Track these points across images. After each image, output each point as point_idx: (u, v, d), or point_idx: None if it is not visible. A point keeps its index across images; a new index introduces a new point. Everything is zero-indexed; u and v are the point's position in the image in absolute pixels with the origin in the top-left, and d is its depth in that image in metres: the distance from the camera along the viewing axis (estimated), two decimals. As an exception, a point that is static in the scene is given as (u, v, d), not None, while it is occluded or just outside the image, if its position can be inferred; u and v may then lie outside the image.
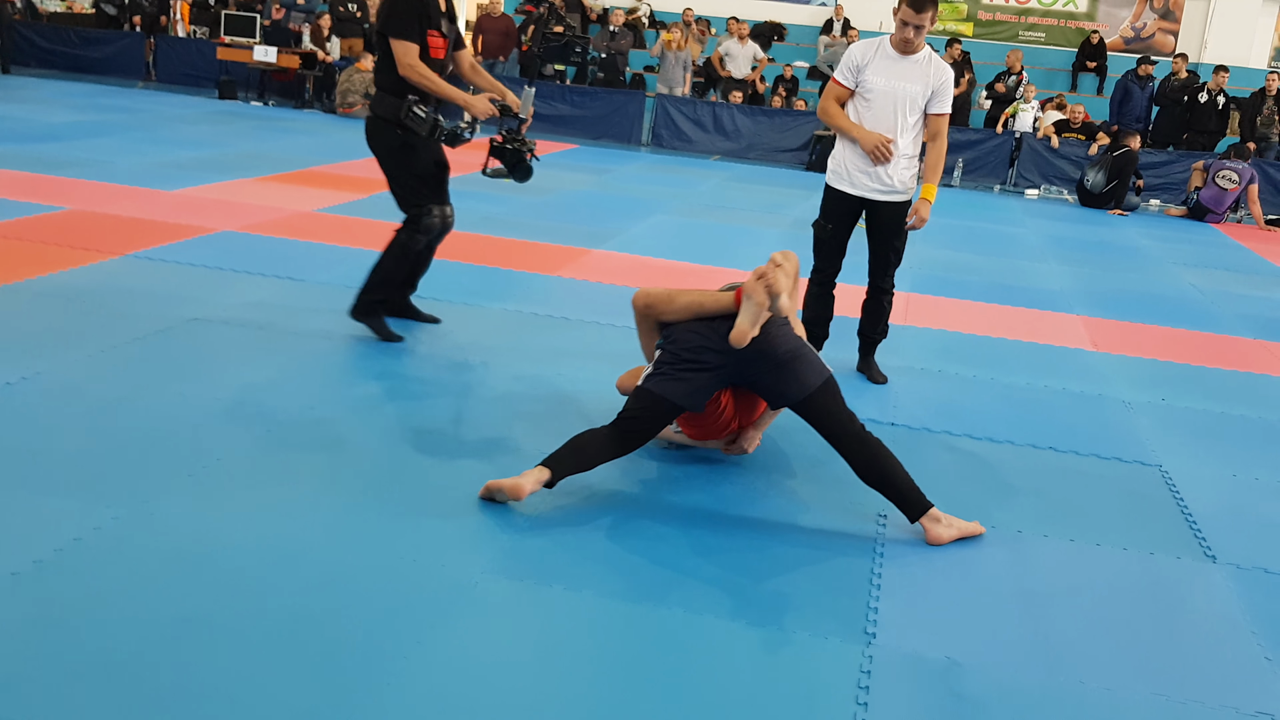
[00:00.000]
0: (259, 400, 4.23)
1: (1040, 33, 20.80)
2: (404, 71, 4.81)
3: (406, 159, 5.00)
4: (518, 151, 4.97)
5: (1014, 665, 2.91)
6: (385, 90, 4.93)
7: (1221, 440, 4.89)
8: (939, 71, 4.95)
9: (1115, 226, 11.91)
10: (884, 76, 4.95)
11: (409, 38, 4.81)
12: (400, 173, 5.03)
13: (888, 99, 4.95)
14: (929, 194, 5.07)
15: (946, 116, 5.02)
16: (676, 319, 3.80)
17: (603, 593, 3.07)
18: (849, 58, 5.05)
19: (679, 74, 16.12)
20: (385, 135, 4.96)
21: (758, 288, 3.54)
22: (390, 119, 4.91)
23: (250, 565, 3.02)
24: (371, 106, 5.02)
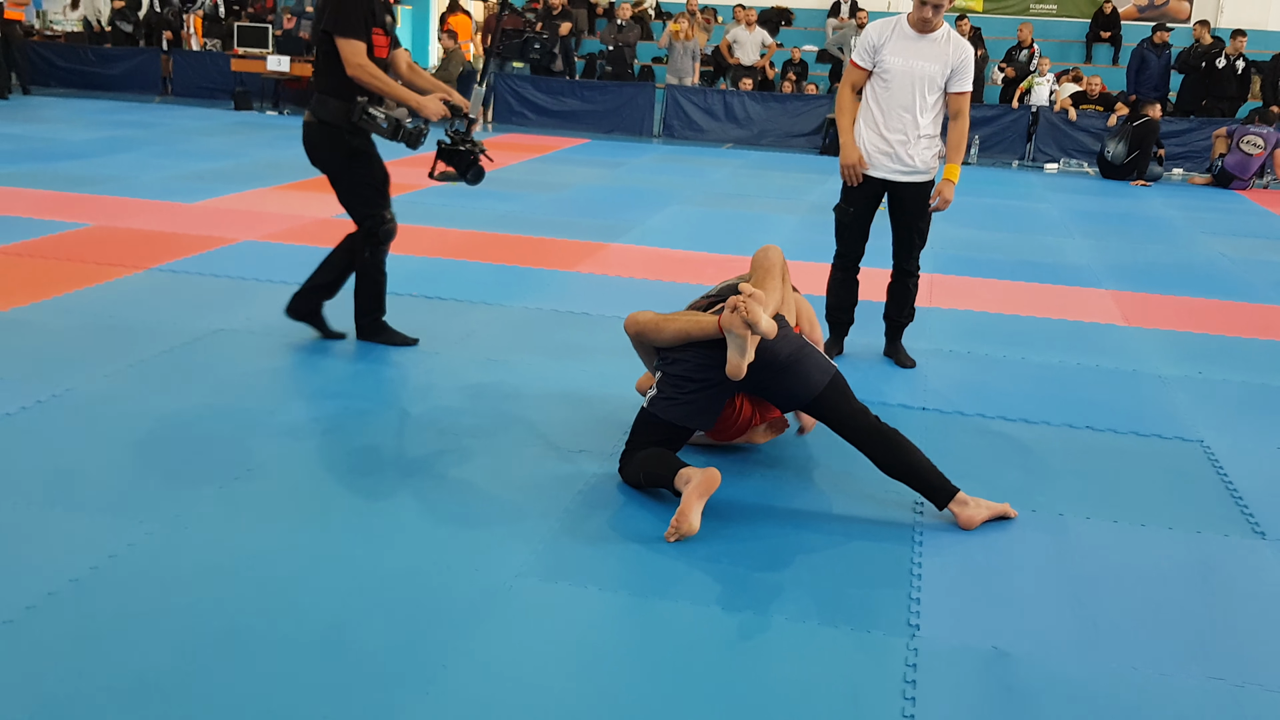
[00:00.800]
0: (288, 409, 4.20)
1: (1052, 5, 20.56)
2: (353, 72, 4.53)
3: (361, 165, 4.77)
4: (469, 153, 4.78)
5: (1063, 653, 2.84)
6: (328, 93, 4.65)
7: (1263, 412, 4.80)
8: (958, 49, 4.87)
9: (1139, 198, 11.77)
10: (901, 56, 4.87)
11: (357, 36, 4.54)
12: (355, 180, 4.78)
13: (906, 79, 4.87)
14: (952, 174, 5.00)
15: (968, 95, 4.94)
16: (667, 346, 3.75)
17: (638, 592, 3.01)
18: (866, 38, 4.98)
19: (688, 64, 16.02)
20: (333, 141, 4.69)
21: (734, 321, 3.47)
22: (338, 123, 4.65)
23: (285, 576, 2.98)
24: (313, 111, 4.71)
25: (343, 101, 4.63)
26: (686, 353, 3.67)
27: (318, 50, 4.65)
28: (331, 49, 4.57)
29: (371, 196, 4.82)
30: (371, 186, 4.81)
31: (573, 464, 3.85)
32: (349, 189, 4.81)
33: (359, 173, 4.78)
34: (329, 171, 4.78)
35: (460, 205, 8.81)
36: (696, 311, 3.78)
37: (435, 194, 9.29)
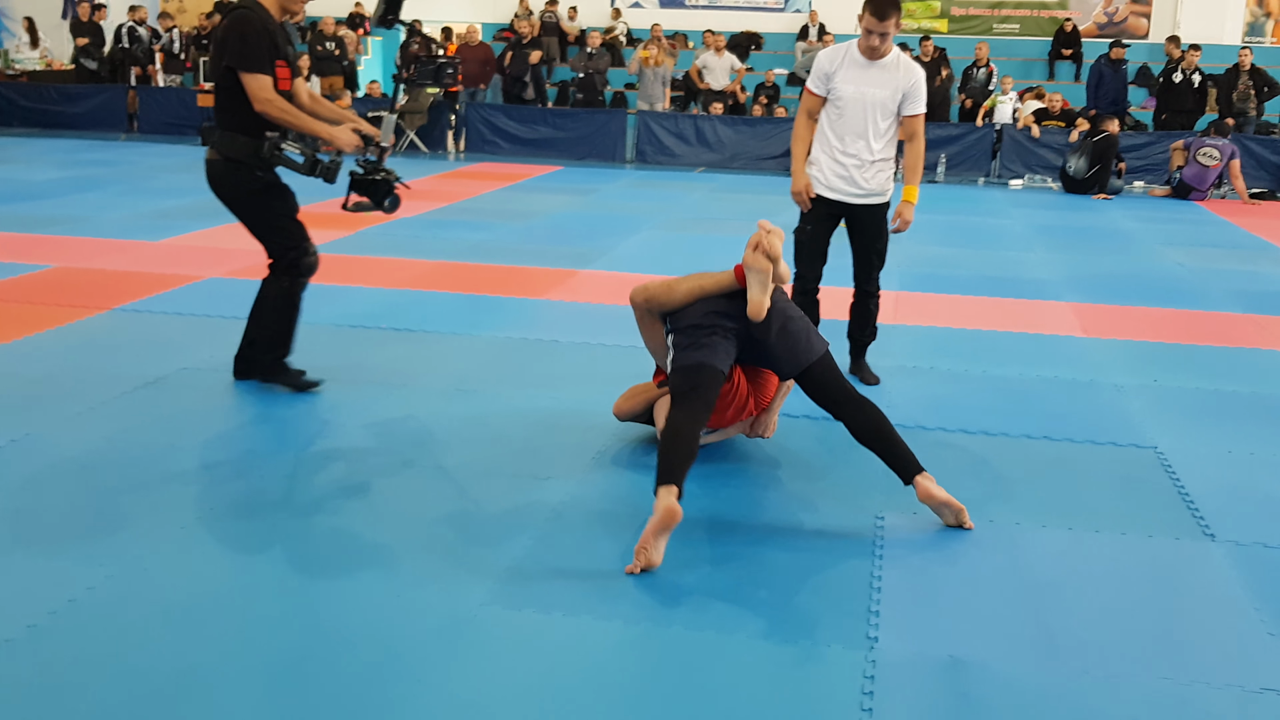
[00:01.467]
0: (252, 447, 4.24)
1: (1014, 24, 20.85)
2: (262, 107, 4.44)
3: (275, 199, 4.70)
4: (385, 182, 4.72)
5: (1017, 659, 2.91)
6: (233, 129, 4.54)
7: (1215, 418, 4.90)
8: (908, 74, 4.98)
9: (1100, 211, 11.93)
10: (854, 84, 4.97)
11: (262, 70, 4.44)
12: (270, 215, 4.70)
13: (858, 105, 4.98)
14: (911, 195, 5.10)
15: (921, 117, 5.04)
16: (679, 306, 3.85)
17: (601, 616, 3.07)
18: (818, 66, 5.08)
19: (658, 89, 16.17)
20: (242, 178, 4.61)
21: (757, 257, 3.66)
22: (246, 160, 4.56)
23: (246, 615, 3.02)
24: (217, 148, 4.60)
25: (250, 138, 4.53)
26: (697, 306, 3.79)
27: (218, 86, 4.55)
28: (235, 84, 4.47)
29: (291, 229, 4.75)
30: (290, 219, 4.74)
31: (540, 491, 3.91)
32: (265, 225, 4.72)
33: (274, 207, 4.70)
34: (239, 209, 4.69)
35: (429, 235, 8.88)
36: (704, 273, 3.89)
37: (403, 225, 9.36)
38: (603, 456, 4.26)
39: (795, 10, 21.03)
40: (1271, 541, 3.64)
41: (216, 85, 4.56)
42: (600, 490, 3.95)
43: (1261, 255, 9.31)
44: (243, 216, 4.73)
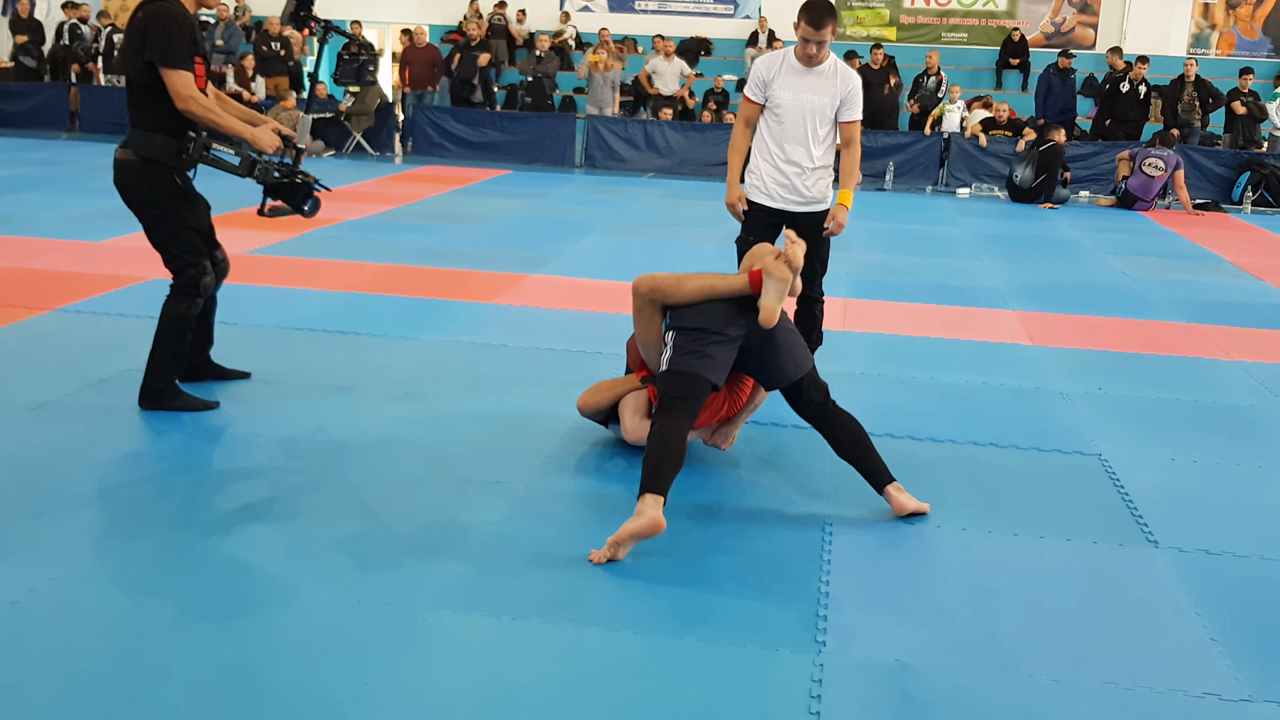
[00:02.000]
0: (196, 449, 4.18)
1: (963, 33, 21.07)
2: (186, 105, 4.18)
3: (188, 208, 4.44)
4: (304, 185, 4.51)
5: (963, 663, 2.93)
6: (152, 129, 4.28)
7: (1158, 425, 4.96)
8: (845, 80, 4.99)
9: (1046, 220, 12.07)
10: (791, 91, 4.99)
11: (185, 66, 4.18)
12: (179, 224, 4.42)
13: (797, 112, 4.99)
14: (845, 199, 5.08)
15: (858, 123, 5.06)
16: (685, 302, 3.83)
17: (550, 620, 3.05)
18: (756, 73, 5.07)
19: (608, 94, 16.16)
20: (160, 182, 4.33)
21: (779, 266, 3.72)
22: (165, 162, 4.31)
23: (193, 618, 2.97)
24: (132, 148, 4.32)
25: (170, 138, 4.29)
26: (703, 307, 3.79)
27: (133, 82, 4.29)
28: (153, 81, 4.22)
29: (196, 243, 4.48)
30: (197, 232, 4.49)
31: (489, 494, 3.88)
32: (172, 234, 4.43)
33: (185, 215, 4.44)
34: (150, 214, 4.40)
35: (376, 239, 8.81)
36: (715, 273, 3.89)
37: (350, 228, 9.27)
38: (551, 461, 4.23)
39: (745, 16, 21.11)
40: (1213, 548, 3.68)
41: (130, 81, 4.29)
42: (549, 495, 3.93)
43: (1205, 265, 9.46)
44: (150, 224, 4.42)
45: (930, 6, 21.11)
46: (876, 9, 21.27)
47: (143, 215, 4.43)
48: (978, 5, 20.99)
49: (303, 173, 4.53)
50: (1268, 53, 20.17)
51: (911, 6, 21.16)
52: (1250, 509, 4.04)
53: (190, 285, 4.49)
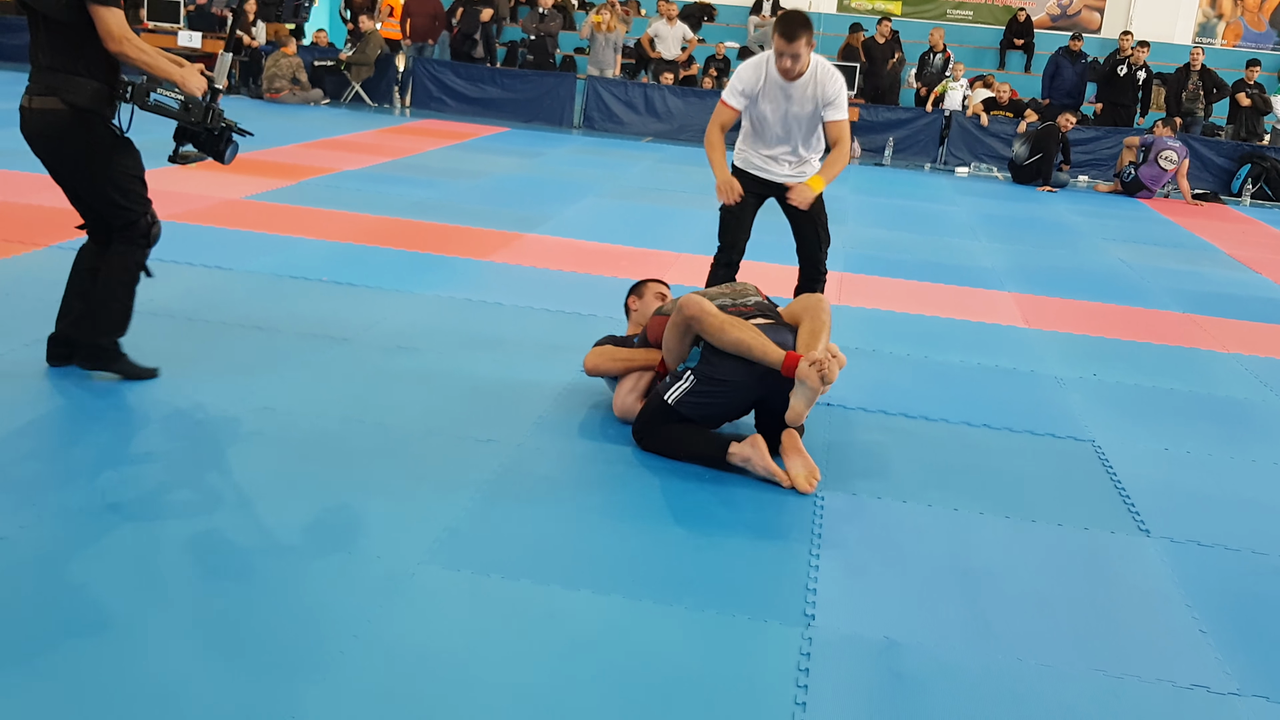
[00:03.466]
0: (186, 392, 4.13)
1: (968, 10, 20.94)
2: (119, 46, 3.77)
3: (125, 155, 4.04)
4: (225, 130, 4.07)
5: (952, 643, 2.92)
6: (80, 73, 3.84)
7: (1153, 414, 4.95)
8: (825, 86, 4.90)
9: (1045, 203, 12.04)
10: (773, 103, 4.96)
11: (117, 3, 3.76)
12: (119, 173, 4.02)
13: (781, 124, 4.99)
14: (815, 184, 5.00)
15: (844, 123, 4.97)
16: (718, 348, 3.86)
17: (540, 580, 3.03)
18: (738, 81, 4.99)
19: (609, 56, 16.03)
20: (95, 131, 3.94)
21: (811, 374, 3.70)
22: (98, 110, 3.91)
23: (181, 562, 2.94)
24: (60, 95, 3.85)
25: (100, 83, 3.89)
26: (735, 364, 3.82)
27: (53, 22, 3.81)
28: (81, 20, 3.76)
29: (140, 190, 4.09)
30: (138, 179, 4.09)
31: (479, 453, 3.85)
32: (113, 184, 4.02)
33: (125, 163, 4.04)
34: (83, 167, 4.00)
35: (373, 190, 8.73)
36: (759, 331, 3.85)
37: (347, 178, 9.20)
38: (544, 421, 4.21)
39: (751, -15, 20.92)
40: (1205, 540, 3.68)
41: (49, 21, 3.81)
42: (542, 455, 3.91)
43: (1203, 256, 9.45)
44: (83, 177, 4.02)
45: (937, -18, 20.97)
46: (883, -17, 21.11)
47: (76, 171, 4.01)
48: (985, -17, 20.84)
49: (220, 113, 4.09)
50: (1274, 45, 20.10)
51: (918, -19, 21.01)
52: (1242, 502, 4.03)
53: (142, 236, 4.13)
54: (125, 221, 4.11)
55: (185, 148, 4.12)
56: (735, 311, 3.99)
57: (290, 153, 10.37)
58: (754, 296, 4.19)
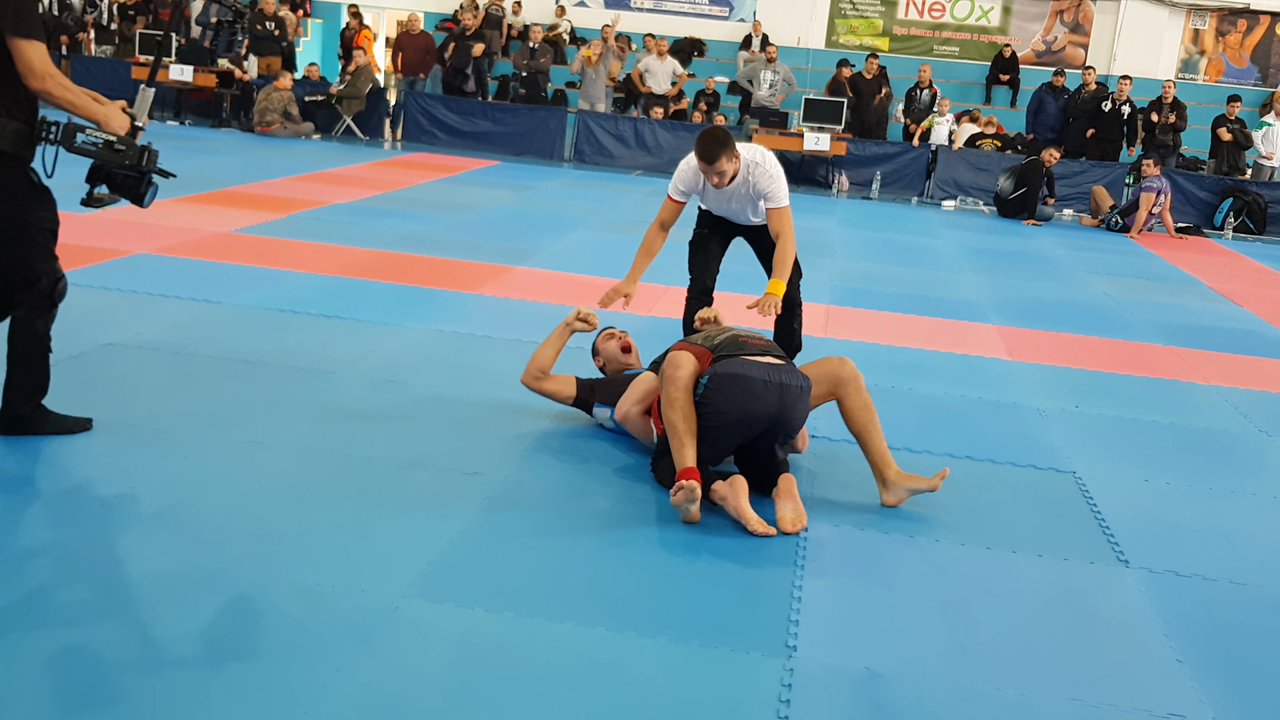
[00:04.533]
0: (173, 425, 4.16)
1: (954, 47, 21.17)
2: (42, 84, 3.51)
3: (40, 210, 3.75)
4: (149, 171, 3.84)
5: (932, 674, 2.95)
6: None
7: (1133, 446, 5.00)
8: (759, 181, 4.84)
9: (1029, 236, 12.14)
10: (715, 201, 5.06)
11: (41, 37, 3.53)
12: (32, 229, 3.72)
13: (728, 211, 5.09)
14: (775, 289, 4.72)
15: (784, 211, 4.88)
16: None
17: (524, 613, 3.05)
18: (679, 180, 4.97)
19: (600, 89, 16.16)
20: (13, 180, 3.65)
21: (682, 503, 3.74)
22: (19, 154, 3.63)
23: (167, 594, 2.96)
24: None
25: (21, 124, 3.61)
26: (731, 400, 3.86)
27: None
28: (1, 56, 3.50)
29: (52, 245, 3.80)
30: (52, 234, 3.80)
31: (466, 486, 3.88)
32: (27, 239, 3.72)
33: (41, 217, 3.76)
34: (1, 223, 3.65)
35: (363, 223, 8.79)
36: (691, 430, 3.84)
37: (336, 211, 9.25)
38: (532, 453, 4.24)
39: (740, 19, 21.15)
40: (1183, 570, 3.72)
41: None
42: (528, 487, 3.94)
43: (1185, 289, 9.53)
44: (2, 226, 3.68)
45: (923, 19, 21.20)
46: (870, 19, 21.34)
47: None
48: (970, 20, 21.09)
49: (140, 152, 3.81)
50: (1254, 81, 20.35)
51: (905, 18, 21.25)
52: (1221, 533, 4.08)
53: (46, 297, 3.82)
54: (30, 279, 3.77)
55: (99, 189, 3.86)
56: (745, 341, 4.03)
57: (280, 186, 10.43)
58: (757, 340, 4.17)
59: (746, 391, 3.82)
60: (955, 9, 21.08)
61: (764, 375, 3.85)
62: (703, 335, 4.13)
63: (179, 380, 4.69)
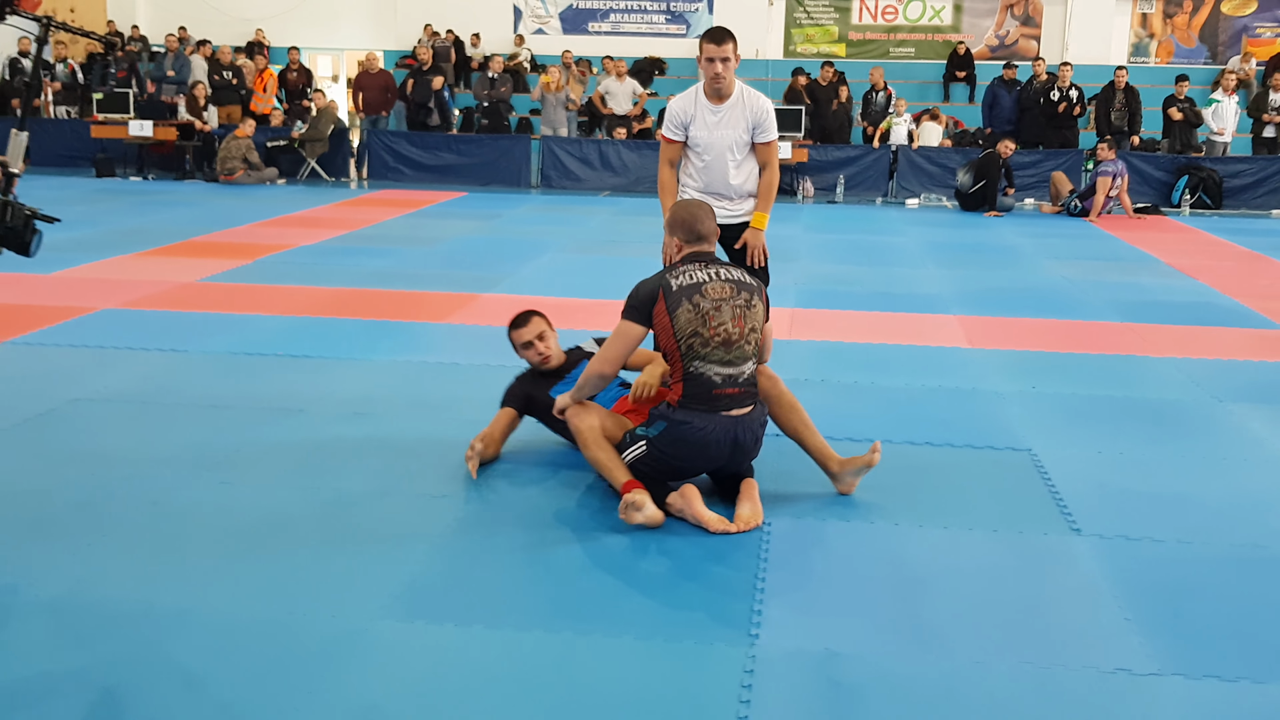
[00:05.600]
0: (144, 474, 4.23)
1: (910, 48, 21.43)
2: None
3: None
4: (29, 220, 3.63)
5: (890, 650, 3.05)
6: None
7: (1088, 421, 5.12)
8: (754, 107, 5.10)
9: (990, 228, 12.30)
10: (706, 129, 5.14)
11: None
12: None
13: (715, 147, 5.15)
14: (759, 222, 5.18)
15: (773, 144, 5.16)
16: None
17: (492, 625, 3.14)
18: (672, 114, 5.20)
19: (561, 115, 16.31)
20: None
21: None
22: None
23: (138, 631, 3.04)
24: None
25: None
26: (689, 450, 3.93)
27: None
28: None
29: None
30: None
31: (435, 508, 3.97)
32: None
33: None
34: None
35: (330, 263, 8.88)
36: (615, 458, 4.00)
37: (303, 253, 9.34)
38: (499, 473, 4.33)
39: (696, 36, 21.32)
40: (1133, 534, 3.83)
41: None
42: (495, 505, 4.03)
43: (1142, 267, 9.68)
44: None
45: (878, 23, 21.46)
46: (825, 26, 21.60)
47: None
48: (924, 20, 21.36)
49: (26, 207, 3.65)
50: (1205, 60, 20.63)
51: (859, 23, 21.51)
52: (1169, 497, 4.19)
53: None
54: None
55: None
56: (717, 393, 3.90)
57: (246, 232, 10.52)
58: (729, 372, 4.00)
59: (700, 453, 3.91)
60: (908, 10, 21.35)
61: (718, 436, 3.87)
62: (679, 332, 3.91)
63: (147, 429, 4.75)
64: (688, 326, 3.86)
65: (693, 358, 3.88)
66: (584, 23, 21.91)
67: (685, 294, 3.89)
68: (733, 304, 3.92)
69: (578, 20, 21.92)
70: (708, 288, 3.92)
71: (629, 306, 3.98)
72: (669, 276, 3.96)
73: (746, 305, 3.95)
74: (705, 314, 3.87)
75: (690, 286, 3.91)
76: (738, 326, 3.90)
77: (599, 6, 21.91)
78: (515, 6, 21.89)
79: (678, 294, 3.89)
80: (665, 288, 3.92)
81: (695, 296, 3.89)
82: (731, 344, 3.89)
